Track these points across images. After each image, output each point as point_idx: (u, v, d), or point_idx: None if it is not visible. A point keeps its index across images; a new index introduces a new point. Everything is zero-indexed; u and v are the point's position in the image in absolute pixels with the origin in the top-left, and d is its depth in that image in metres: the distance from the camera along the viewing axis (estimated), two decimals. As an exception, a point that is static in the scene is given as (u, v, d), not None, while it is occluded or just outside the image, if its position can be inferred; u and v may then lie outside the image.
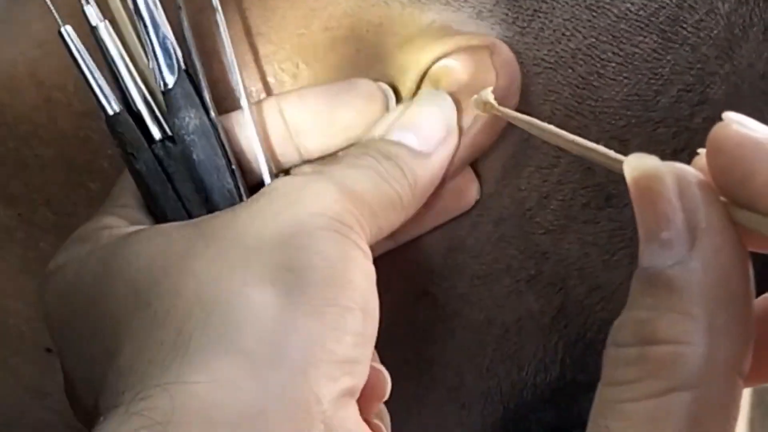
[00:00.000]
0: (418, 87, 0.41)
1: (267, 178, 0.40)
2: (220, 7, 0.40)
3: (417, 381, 0.45)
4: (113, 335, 0.35)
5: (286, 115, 0.41)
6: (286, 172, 0.41)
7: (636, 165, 0.30)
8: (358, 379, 0.34)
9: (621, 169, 0.30)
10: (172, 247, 0.36)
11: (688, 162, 0.40)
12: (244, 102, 0.40)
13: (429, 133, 0.39)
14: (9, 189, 0.43)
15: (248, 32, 0.42)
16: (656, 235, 0.29)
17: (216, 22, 0.40)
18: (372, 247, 0.37)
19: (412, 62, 0.41)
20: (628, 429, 0.28)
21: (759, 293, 0.32)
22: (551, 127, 0.35)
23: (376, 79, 0.41)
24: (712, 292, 0.28)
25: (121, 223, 0.39)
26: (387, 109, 0.41)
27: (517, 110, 0.41)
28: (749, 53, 0.41)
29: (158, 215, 0.40)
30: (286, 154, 0.41)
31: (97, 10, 0.39)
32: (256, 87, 0.42)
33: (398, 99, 0.42)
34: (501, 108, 0.39)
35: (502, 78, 0.40)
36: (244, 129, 0.40)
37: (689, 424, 0.27)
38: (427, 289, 0.44)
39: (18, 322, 0.45)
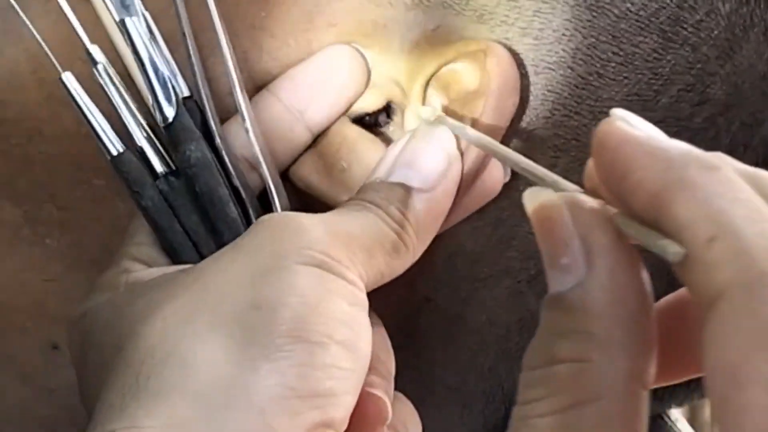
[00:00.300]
0: (425, 93, 0.42)
1: (269, 182, 0.40)
2: (214, 7, 0.40)
3: (419, 383, 0.45)
4: (103, 381, 0.36)
5: (283, 100, 0.41)
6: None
7: (533, 197, 0.32)
8: (335, 412, 0.35)
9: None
10: (153, 296, 0.37)
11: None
12: (240, 102, 0.40)
13: (429, 168, 0.40)
14: (14, 186, 0.44)
15: (252, 26, 0.42)
16: (556, 261, 0.31)
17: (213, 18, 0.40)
18: None
19: (419, 67, 0.41)
20: None
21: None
22: (503, 147, 0.38)
23: (383, 82, 0.42)
24: (609, 310, 0.30)
25: (136, 266, 0.40)
26: (368, 64, 0.42)
27: (516, 111, 0.41)
28: (750, 54, 0.41)
29: (168, 250, 0.41)
30: (298, 136, 0.42)
31: (99, 52, 0.40)
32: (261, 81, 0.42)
33: (405, 105, 0.42)
34: (452, 121, 0.40)
35: (496, 79, 0.40)
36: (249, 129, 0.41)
37: None
38: (428, 295, 0.44)
39: (23, 319, 0.46)
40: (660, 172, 0.29)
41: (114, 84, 0.40)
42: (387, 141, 0.42)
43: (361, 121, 0.43)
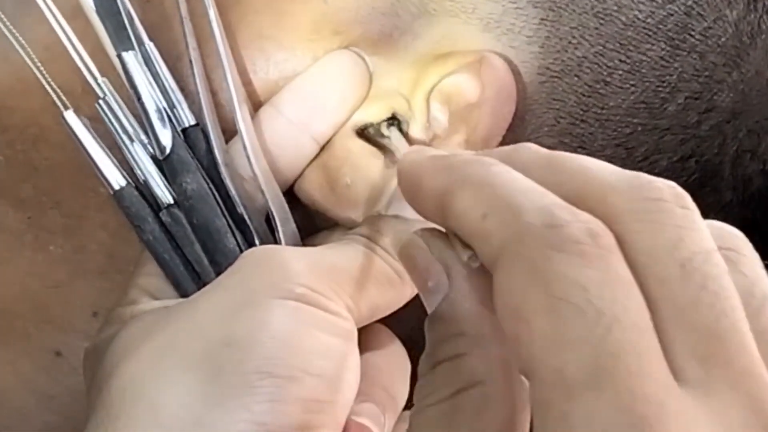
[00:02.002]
0: (428, 105, 0.41)
1: (271, 206, 0.41)
2: (217, 30, 0.40)
3: None
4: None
5: (286, 113, 0.41)
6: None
7: (397, 240, 0.37)
8: None
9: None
10: (135, 335, 0.37)
11: (696, 169, 0.40)
12: (240, 124, 0.40)
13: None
14: (18, 192, 0.44)
15: (259, 35, 0.42)
16: (425, 286, 0.34)
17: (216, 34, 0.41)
18: None
19: (422, 78, 0.41)
20: (431, 426, 0.31)
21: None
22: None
23: (387, 92, 0.42)
24: (474, 310, 0.33)
25: (143, 297, 0.40)
26: (369, 69, 0.42)
27: (520, 119, 0.41)
28: (757, 61, 0.41)
29: (171, 282, 0.41)
30: (304, 148, 0.42)
31: (108, 84, 0.40)
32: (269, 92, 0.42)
33: (410, 116, 0.42)
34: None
35: (490, 88, 0.40)
36: (253, 147, 0.41)
37: (476, 416, 0.31)
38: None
39: (26, 325, 0.45)
40: (442, 177, 0.32)
41: (117, 118, 0.40)
42: (392, 155, 0.42)
43: (366, 132, 0.43)
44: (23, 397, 0.46)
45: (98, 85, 0.40)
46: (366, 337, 0.40)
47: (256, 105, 0.42)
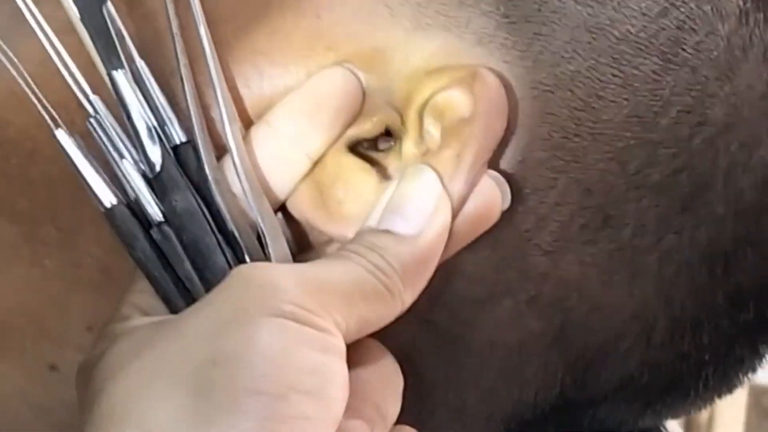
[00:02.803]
0: (421, 120, 0.42)
1: (260, 223, 0.41)
2: (207, 46, 0.40)
3: (419, 405, 0.45)
4: None
5: (279, 129, 0.41)
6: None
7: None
8: None
9: None
10: (125, 352, 0.37)
11: (688, 183, 0.40)
12: (230, 142, 0.40)
13: (414, 212, 0.40)
14: (14, 205, 0.44)
15: (253, 51, 0.42)
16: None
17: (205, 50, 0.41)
18: None
19: (415, 94, 0.41)
20: None
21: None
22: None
23: (380, 108, 0.42)
24: None
25: (135, 314, 0.40)
26: (362, 84, 0.42)
27: (512, 133, 0.42)
28: (749, 74, 0.41)
29: (161, 298, 0.41)
30: (297, 164, 0.42)
31: (99, 102, 0.40)
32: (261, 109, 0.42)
33: (404, 132, 0.42)
34: None
35: (482, 103, 0.40)
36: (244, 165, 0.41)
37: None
38: (428, 317, 0.44)
39: (21, 338, 0.45)
40: None
41: (108, 136, 0.40)
42: (384, 171, 0.42)
43: (358, 148, 0.43)
44: (19, 410, 0.46)
45: (89, 102, 0.40)
46: (356, 353, 0.40)
47: (249, 121, 0.42)
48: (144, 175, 0.40)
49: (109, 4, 0.40)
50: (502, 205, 0.42)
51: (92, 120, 0.40)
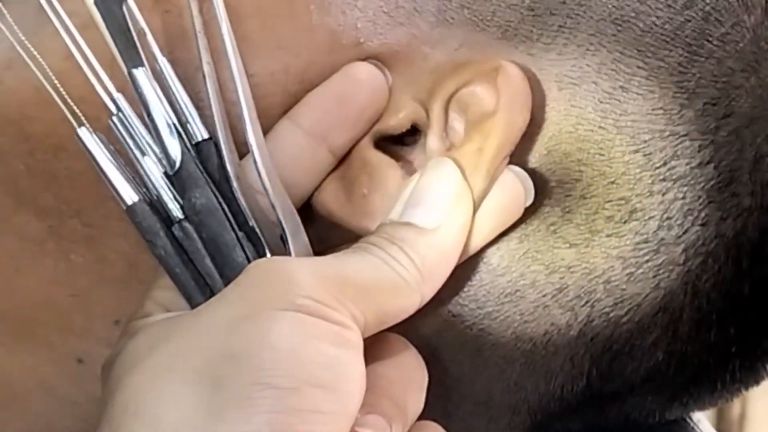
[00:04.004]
0: (446, 114, 0.42)
1: (281, 219, 0.41)
2: (229, 43, 0.40)
3: (445, 398, 0.45)
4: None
5: (303, 126, 0.42)
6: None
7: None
8: None
9: None
10: (140, 347, 0.38)
11: (714, 175, 0.40)
12: (250, 138, 0.40)
13: (435, 205, 0.40)
14: (39, 201, 0.44)
15: (278, 46, 0.42)
16: None
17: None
18: None
19: (440, 88, 0.42)
20: None
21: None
22: None
23: (406, 103, 0.42)
24: None
25: (157, 309, 0.41)
26: (387, 79, 0.42)
27: (538, 126, 0.42)
28: None
29: (182, 294, 0.41)
30: (321, 161, 0.42)
31: (122, 99, 0.40)
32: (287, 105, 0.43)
33: (429, 127, 0.42)
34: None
35: (505, 97, 0.40)
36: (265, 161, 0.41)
37: None
38: (453, 311, 0.44)
39: (48, 332, 0.46)
40: None
41: (130, 134, 0.40)
42: (409, 166, 0.42)
43: (383, 143, 0.43)
44: (46, 403, 0.47)
45: (112, 100, 0.40)
46: (377, 347, 0.40)
47: (274, 117, 0.42)
48: (165, 173, 0.40)
49: (130, 2, 0.40)
50: (526, 201, 0.42)
51: (114, 118, 0.40)
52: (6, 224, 0.44)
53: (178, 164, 0.40)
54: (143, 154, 0.40)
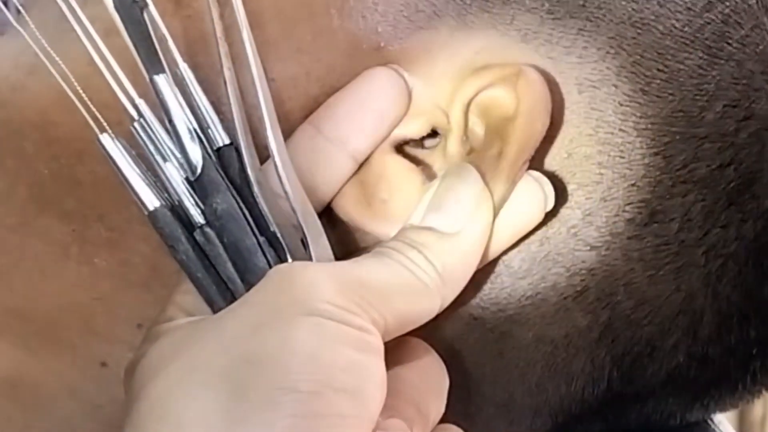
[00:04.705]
0: (466, 118, 0.42)
1: (303, 224, 0.41)
2: (250, 50, 0.40)
3: (467, 401, 0.45)
4: None
5: (324, 131, 0.42)
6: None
7: None
8: None
9: None
10: (164, 352, 0.38)
11: (734, 177, 0.40)
12: (272, 143, 0.40)
13: (455, 210, 0.40)
14: (63, 205, 0.44)
15: (298, 50, 0.42)
16: None
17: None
18: None
19: (460, 92, 0.42)
20: None
21: None
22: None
23: (426, 107, 0.42)
24: None
25: (179, 314, 0.41)
26: (407, 84, 0.42)
27: (558, 129, 0.42)
28: None
29: (204, 299, 0.41)
30: (342, 166, 0.42)
31: (144, 105, 0.40)
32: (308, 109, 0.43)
33: (449, 131, 0.42)
34: None
35: (525, 101, 0.40)
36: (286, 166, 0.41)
37: None
38: (474, 314, 0.44)
39: (72, 336, 0.46)
40: None
41: (152, 139, 0.40)
42: (429, 170, 0.42)
43: (404, 148, 0.43)
44: (70, 407, 0.47)
45: (134, 106, 0.40)
46: (398, 351, 0.40)
47: (295, 122, 0.42)
48: (186, 178, 0.41)
49: (151, 8, 0.40)
50: (546, 206, 0.42)
51: (136, 124, 0.40)
52: (30, 228, 0.45)
53: (199, 170, 0.40)
54: (165, 159, 0.40)
